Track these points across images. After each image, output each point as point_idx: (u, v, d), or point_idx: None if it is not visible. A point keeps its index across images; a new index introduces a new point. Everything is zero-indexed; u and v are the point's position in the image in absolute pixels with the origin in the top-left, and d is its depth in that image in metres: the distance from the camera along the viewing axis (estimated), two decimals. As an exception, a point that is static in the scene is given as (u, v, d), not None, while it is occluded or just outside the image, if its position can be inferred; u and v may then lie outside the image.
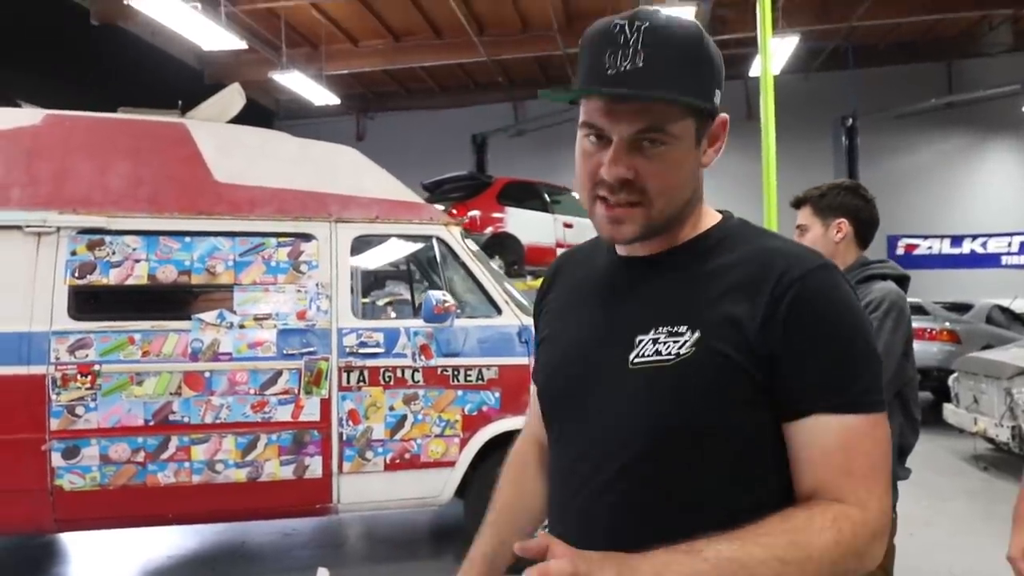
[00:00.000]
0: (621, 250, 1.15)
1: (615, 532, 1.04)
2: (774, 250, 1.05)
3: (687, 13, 9.56)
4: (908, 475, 2.35)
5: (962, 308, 10.79)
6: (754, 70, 12.62)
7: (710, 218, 1.14)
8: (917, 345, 9.37)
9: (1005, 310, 10.94)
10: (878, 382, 1.02)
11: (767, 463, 1.02)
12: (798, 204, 2.59)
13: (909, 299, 2.41)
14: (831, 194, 2.51)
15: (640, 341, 1.05)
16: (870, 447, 0.99)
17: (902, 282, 2.41)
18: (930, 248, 17.11)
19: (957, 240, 17.01)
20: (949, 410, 7.71)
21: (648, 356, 1.03)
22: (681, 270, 1.09)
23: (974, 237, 16.94)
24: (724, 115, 1.09)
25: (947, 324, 9.92)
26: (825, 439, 0.98)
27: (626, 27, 0.99)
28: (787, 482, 1.03)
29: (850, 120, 15.65)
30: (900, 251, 17.05)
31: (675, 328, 1.03)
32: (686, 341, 1.01)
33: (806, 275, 1.00)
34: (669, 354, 1.02)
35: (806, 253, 1.06)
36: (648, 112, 1.00)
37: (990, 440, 7.12)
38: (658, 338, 1.04)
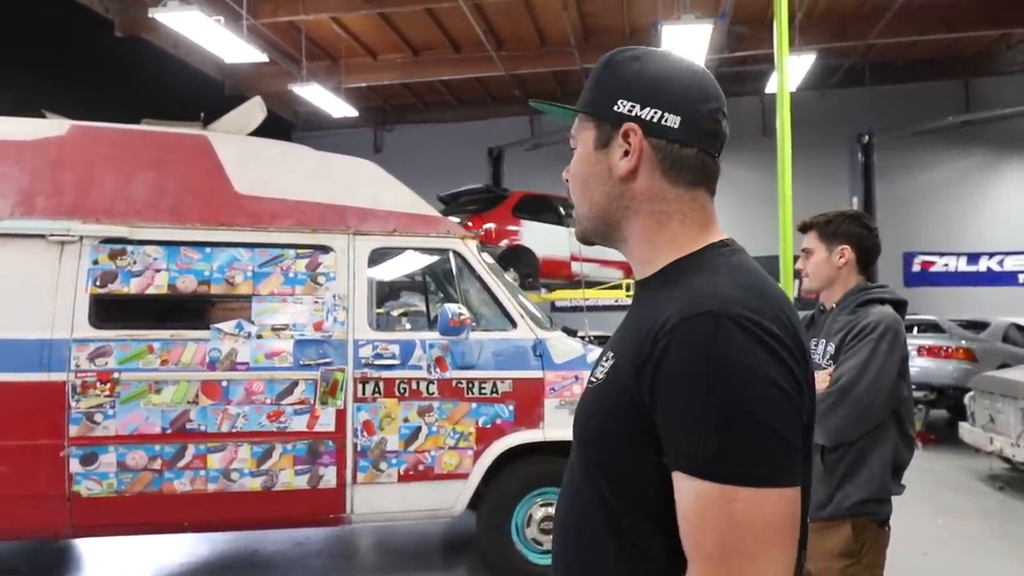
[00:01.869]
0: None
1: (560, 534, 1.15)
2: (680, 291, 1.01)
3: (703, 30, 9.60)
4: (902, 491, 2.45)
5: (978, 326, 10.72)
6: (770, 87, 12.67)
7: (691, 245, 1.11)
8: (933, 363, 9.30)
9: (1022, 329, 10.85)
10: (743, 451, 0.90)
11: (663, 497, 0.97)
12: (804, 229, 2.71)
13: (924, 317, 2.50)
14: (836, 221, 2.62)
15: (600, 362, 1.12)
16: (722, 523, 0.89)
17: (899, 307, 2.52)
18: (946, 265, 17.00)
19: (974, 258, 16.90)
20: (965, 429, 7.67)
21: (593, 377, 1.11)
22: (644, 298, 1.11)
23: (991, 255, 16.83)
24: (631, 124, 1.10)
25: (963, 342, 9.86)
26: (684, 502, 0.93)
27: None
28: None
29: (866, 137, 15.62)
30: (916, 268, 16.96)
31: (611, 354, 1.09)
32: (606, 368, 1.07)
33: (679, 324, 0.95)
34: (595, 377, 1.09)
35: (699, 298, 0.97)
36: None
37: (1006, 460, 7.07)
38: (602, 361, 1.11)
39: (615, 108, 1.11)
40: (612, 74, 1.14)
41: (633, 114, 1.10)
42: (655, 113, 1.09)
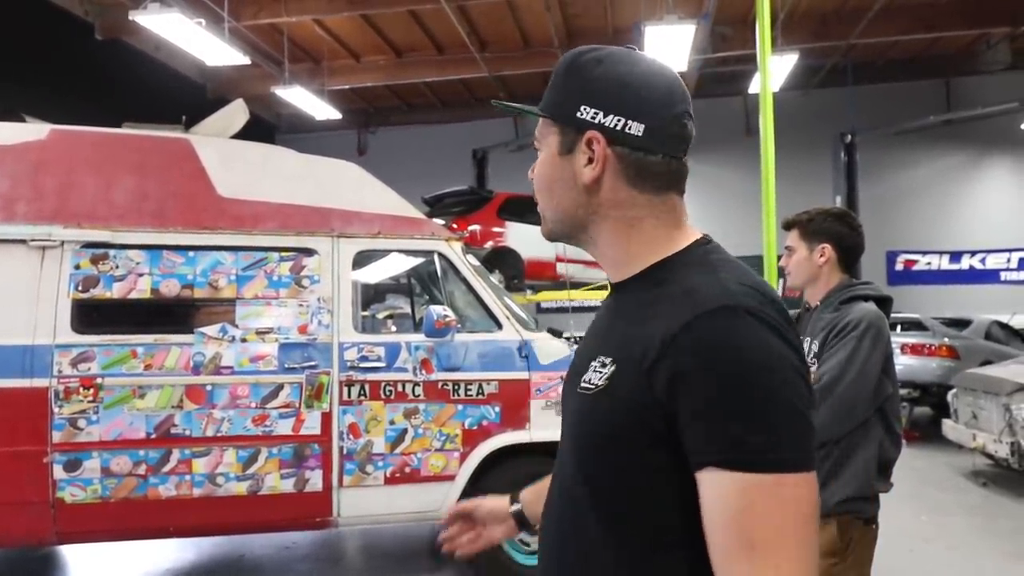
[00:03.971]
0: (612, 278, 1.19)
1: (552, 541, 1.13)
2: (688, 290, 1.00)
3: (686, 30, 9.63)
4: (889, 488, 2.44)
5: (961, 324, 10.81)
6: (753, 87, 12.71)
7: (671, 245, 1.11)
8: (916, 361, 9.33)
9: (1004, 326, 10.95)
10: (785, 438, 0.91)
11: (676, 503, 0.97)
12: (788, 226, 2.73)
13: (907, 315, 2.50)
14: (819, 219, 2.63)
15: (591, 367, 1.07)
16: (773, 509, 0.89)
17: (884, 303, 2.51)
18: (929, 264, 17.15)
19: (956, 256, 17.05)
20: (948, 426, 7.73)
21: (585, 382, 1.06)
22: (631, 300, 1.09)
23: (973, 253, 16.98)
24: (593, 132, 1.09)
25: (946, 340, 9.94)
26: (723, 500, 0.90)
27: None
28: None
29: (849, 136, 15.73)
30: (899, 267, 17.09)
31: (604, 359, 1.05)
32: (605, 374, 1.03)
33: (696, 320, 0.94)
34: (592, 384, 1.04)
35: (713, 295, 0.97)
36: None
37: (989, 456, 7.12)
38: (594, 366, 1.06)
39: (578, 114, 1.09)
40: (575, 77, 1.12)
41: (596, 121, 1.08)
42: (618, 121, 1.08)
